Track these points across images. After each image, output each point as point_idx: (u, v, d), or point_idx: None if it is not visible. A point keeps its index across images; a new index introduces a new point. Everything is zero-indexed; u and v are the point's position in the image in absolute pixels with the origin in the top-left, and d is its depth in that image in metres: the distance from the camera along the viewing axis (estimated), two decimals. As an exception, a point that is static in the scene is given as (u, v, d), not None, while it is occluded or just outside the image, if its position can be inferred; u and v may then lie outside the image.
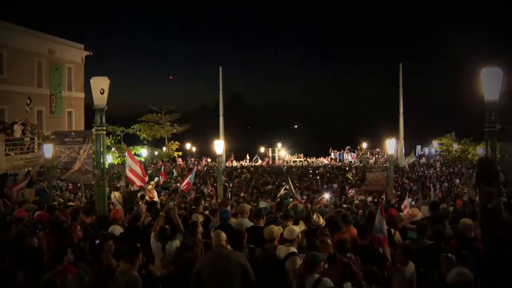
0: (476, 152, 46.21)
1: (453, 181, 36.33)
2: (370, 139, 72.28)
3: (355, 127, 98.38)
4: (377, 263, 7.60)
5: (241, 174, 42.06)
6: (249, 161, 63.49)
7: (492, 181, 9.59)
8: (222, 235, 7.63)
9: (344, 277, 7.01)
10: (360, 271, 7.12)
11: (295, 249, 8.14)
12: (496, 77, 10.13)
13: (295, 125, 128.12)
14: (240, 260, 7.37)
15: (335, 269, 7.23)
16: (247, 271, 7.28)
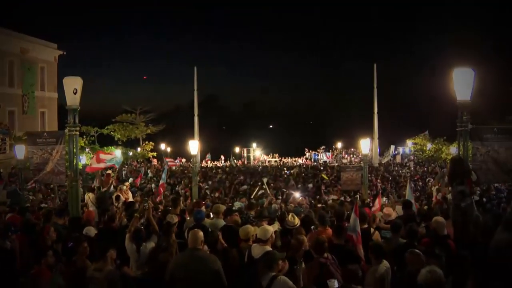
0: (450, 152, 46.65)
1: (427, 180, 36.63)
2: (345, 139, 72.64)
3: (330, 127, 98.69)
4: (352, 262, 7.65)
5: (216, 174, 41.94)
6: (224, 161, 63.39)
7: (465, 180, 9.72)
8: (199, 235, 7.55)
9: (322, 277, 7.05)
10: (337, 271, 7.17)
11: (269, 248, 8.14)
12: (468, 78, 10.24)
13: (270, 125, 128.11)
14: (213, 265, 7.31)
15: (312, 269, 7.26)
16: (219, 276, 7.24)
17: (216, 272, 7.23)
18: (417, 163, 54.13)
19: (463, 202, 9.59)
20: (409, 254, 7.26)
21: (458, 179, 9.73)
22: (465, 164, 10.44)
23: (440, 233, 9.07)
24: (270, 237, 8.39)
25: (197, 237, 7.49)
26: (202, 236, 7.57)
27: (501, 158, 11.94)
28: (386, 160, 56.90)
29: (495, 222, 10.31)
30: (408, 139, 62.93)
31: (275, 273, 6.93)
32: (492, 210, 16.41)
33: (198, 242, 7.45)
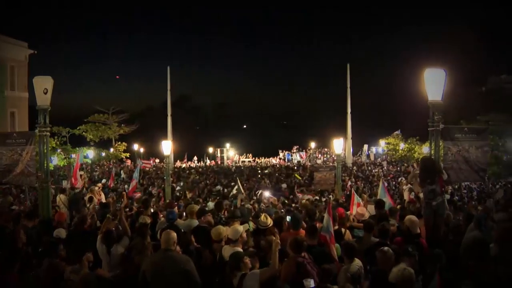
0: (422, 151, 47.11)
1: (399, 179, 36.95)
2: (318, 138, 72.90)
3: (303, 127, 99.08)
4: (326, 262, 7.66)
5: (189, 175, 41.86)
6: (197, 162, 63.26)
7: (436, 179, 9.82)
8: (171, 236, 7.48)
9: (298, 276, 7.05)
10: (314, 270, 7.17)
11: (240, 249, 8.13)
12: (439, 78, 10.33)
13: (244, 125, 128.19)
14: (186, 265, 7.26)
15: (289, 268, 7.25)
16: (193, 276, 7.19)
17: (189, 272, 7.18)
18: (390, 162, 54.57)
19: (434, 201, 9.70)
20: (379, 253, 7.30)
21: (429, 179, 9.82)
22: (437, 164, 10.53)
23: (413, 232, 9.14)
24: (240, 238, 8.38)
25: (170, 238, 7.41)
26: (175, 237, 7.49)
27: (472, 157, 12.07)
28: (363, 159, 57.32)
29: (466, 220, 10.44)
30: (381, 139, 63.33)
31: (244, 271, 6.95)
32: (463, 209, 16.62)
33: (170, 242, 7.38)
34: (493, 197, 22.47)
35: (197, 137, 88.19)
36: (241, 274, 6.92)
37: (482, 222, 9.18)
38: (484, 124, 39.62)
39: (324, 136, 63.20)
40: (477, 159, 12.15)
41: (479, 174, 12.64)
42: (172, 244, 7.40)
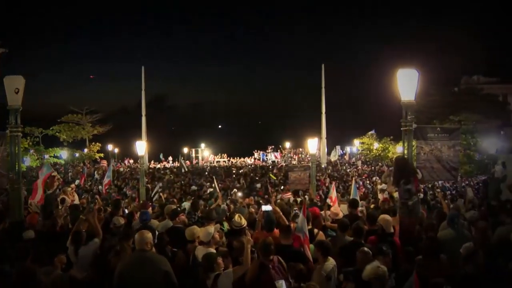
0: (396, 151, 47.57)
1: (374, 179, 37.22)
2: (293, 139, 73.17)
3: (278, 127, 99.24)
4: (300, 262, 7.67)
5: (164, 175, 41.70)
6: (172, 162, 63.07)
7: (411, 179, 9.89)
8: (146, 236, 7.35)
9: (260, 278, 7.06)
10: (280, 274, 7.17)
11: (213, 250, 8.12)
12: (412, 78, 10.41)
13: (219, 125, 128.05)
14: (163, 266, 7.18)
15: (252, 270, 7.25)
16: (170, 277, 7.12)
17: (166, 273, 7.10)
18: (364, 162, 54.97)
19: (410, 201, 9.76)
20: (360, 253, 7.34)
21: (404, 178, 9.88)
22: (411, 164, 10.62)
23: (387, 231, 9.20)
24: (212, 239, 8.36)
25: (145, 238, 7.29)
26: (149, 237, 7.38)
27: (444, 156, 12.23)
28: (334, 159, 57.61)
29: (439, 219, 10.55)
30: (356, 139, 63.75)
31: (218, 272, 6.95)
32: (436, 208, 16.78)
33: (145, 243, 7.27)
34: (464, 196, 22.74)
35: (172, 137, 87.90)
36: (215, 275, 6.91)
37: (455, 220, 9.28)
38: (457, 124, 40.14)
39: (299, 136, 63.45)
40: (449, 158, 12.32)
41: (451, 173, 12.80)
42: (147, 244, 7.31)
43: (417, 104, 10.82)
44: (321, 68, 56.53)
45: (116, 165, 38.12)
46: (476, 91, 60.58)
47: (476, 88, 62.33)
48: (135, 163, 55.48)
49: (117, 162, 55.75)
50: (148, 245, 7.32)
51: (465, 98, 57.43)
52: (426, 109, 55.94)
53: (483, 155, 40.48)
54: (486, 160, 39.18)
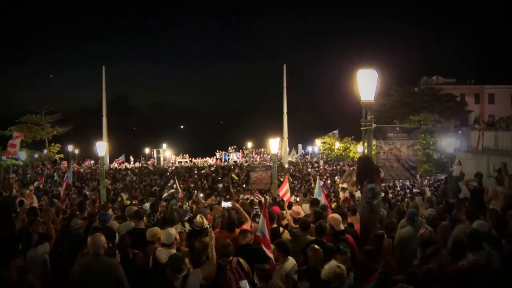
0: (357, 150, 48.03)
1: (335, 178, 37.52)
2: (255, 139, 73.28)
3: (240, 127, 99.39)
4: (260, 261, 7.70)
5: (125, 176, 41.40)
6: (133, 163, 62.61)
7: (375, 178, 10.01)
8: (99, 239, 7.18)
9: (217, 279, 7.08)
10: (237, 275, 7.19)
11: (175, 251, 8.08)
12: (371, 79, 10.52)
13: (181, 125, 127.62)
14: (115, 270, 7.01)
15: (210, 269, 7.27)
16: (122, 282, 6.95)
17: (118, 278, 6.94)
18: (326, 161, 55.34)
19: (375, 200, 9.87)
20: (311, 251, 7.38)
21: (368, 177, 9.99)
22: (374, 163, 10.75)
23: (337, 229, 9.24)
24: (175, 240, 8.33)
25: (98, 242, 7.10)
26: (103, 241, 7.22)
27: (403, 155, 12.39)
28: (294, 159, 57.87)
29: (399, 217, 10.70)
30: (317, 138, 64.14)
31: (185, 272, 6.94)
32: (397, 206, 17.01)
33: (98, 247, 7.07)
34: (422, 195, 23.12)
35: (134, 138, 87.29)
36: (183, 275, 6.89)
37: (414, 218, 9.42)
38: (417, 123, 40.72)
39: (260, 136, 63.61)
40: (408, 158, 12.50)
41: (410, 172, 12.99)
42: (100, 248, 7.17)
43: (377, 104, 10.98)
44: (283, 68, 56.70)
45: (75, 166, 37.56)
46: (435, 92, 61.58)
47: (435, 88, 63.37)
48: (95, 164, 54.85)
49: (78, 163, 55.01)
50: (102, 249, 7.13)
51: (424, 98, 58.37)
52: (386, 109, 56.70)
53: (442, 154, 41.15)
54: (445, 159, 39.83)
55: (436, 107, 54.76)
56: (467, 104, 68.72)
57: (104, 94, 54.94)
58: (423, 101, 57.19)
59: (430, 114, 48.79)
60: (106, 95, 55.67)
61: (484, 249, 7.40)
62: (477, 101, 73.30)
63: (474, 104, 71.91)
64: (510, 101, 63.74)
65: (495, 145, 24.36)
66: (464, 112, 63.85)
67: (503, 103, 63.38)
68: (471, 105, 70.33)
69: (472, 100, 72.39)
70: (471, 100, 72.01)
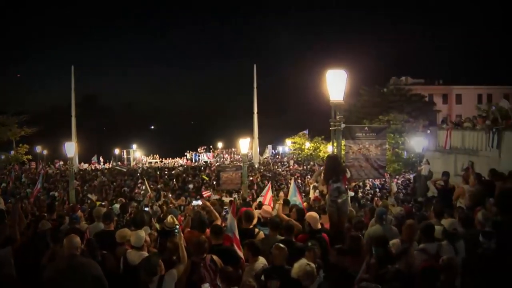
0: (327, 150, 48.27)
1: (305, 178, 37.66)
2: (225, 139, 73.30)
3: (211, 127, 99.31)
4: (231, 261, 7.71)
5: (95, 177, 41.08)
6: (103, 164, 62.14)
7: (340, 177, 10.10)
8: (74, 241, 7.13)
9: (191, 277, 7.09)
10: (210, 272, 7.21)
11: (146, 253, 8.04)
12: (340, 79, 10.62)
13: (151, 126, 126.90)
14: (94, 271, 6.99)
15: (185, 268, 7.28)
16: (101, 282, 6.96)
17: (98, 278, 6.94)
18: (296, 161, 55.57)
19: (339, 198, 9.97)
20: (275, 249, 7.41)
21: (333, 177, 10.09)
22: (341, 163, 10.86)
23: (314, 228, 9.33)
24: (145, 242, 8.29)
25: (74, 243, 7.08)
26: (78, 242, 7.19)
27: (371, 155, 12.55)
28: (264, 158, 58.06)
29: (371, 215, 10.81)
30: (288, 138, 64.38)
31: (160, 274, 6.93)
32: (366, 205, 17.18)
33: (75, 248, 7.07)
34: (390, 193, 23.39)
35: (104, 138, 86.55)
36: (158, 277, 6.87)
37: (383, 217, 9.52)
38: (386, 123, 41.13)
39: (231, 136, 63.66)
40: (377, 157, 12.67)
41: (379, 171, 13.17)
42: (76, 249, 7.15)
43: (347, 104, 11.10)
44: (253, 69, 56.80)
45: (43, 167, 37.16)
46: (404, 92, 62.22)
47: (404, 89, 64.00)
48: (64, 165, 54.28)
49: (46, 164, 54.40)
50: (78, 249, 7.14)
51: (393, 99, 58.93)
52: (356, 109, 57.13)
53: (411, 153, 41.57)
54: (414, 158, 40.24)
55: (405, 107, 55.28)
56: (435, 104, 69.65)
57: (73, 94, 54.40)
58: (392, 101, 57.72)
59: (399, 114, 49.22)
60: (75, 95, 55.18)
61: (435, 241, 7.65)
62: (445, 101, 74.59)
63: (442, 104, 73.10)
64: (476, 102, 64.65)
65: (462, 145, 24.73)
66: (432, 112, 64.63)
67: (470, 103, 64.28)
68: (439, 105, 71.37)
69: (440, 100, 73.61)
70: (439, 100, 73.18)
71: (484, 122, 23.57)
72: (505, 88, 71.21)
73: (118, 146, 70.55)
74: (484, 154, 22.18)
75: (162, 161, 64.56)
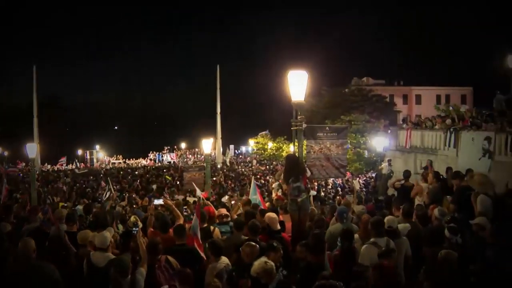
0: (289, 150, 48.57)
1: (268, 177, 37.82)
2: (189, 139, 73.17)
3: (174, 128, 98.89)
4: (194, 261, 7.82)
5: (58, 178, 40.64)
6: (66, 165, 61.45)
7: (300, 176, 10.27)
8: (30, 244, 7.08)
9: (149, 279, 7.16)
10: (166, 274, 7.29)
11: (111, 255, 8.01)
12: (302, 79, 10.79)
13: (115, 126, 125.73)
14: (52, 274, 6.89)
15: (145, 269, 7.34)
16: (59, 285, 6.88)
17: (56, 281, 6.85)
18: (259, 161, 55.79)
19: (299, 197, 10.13)
20: (246, 247, 7.54)
21: (293, 176, 10.26)
22: (301, 162, 11.03)
23: (273, 228, 9.46)
24: (110, 243, 8.25)
25: (30, 246, 7.03)
26: (33, 245, 7.10)
27: (333, 154, 12.76)
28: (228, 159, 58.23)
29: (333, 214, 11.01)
30: (250, 139, 64.61)
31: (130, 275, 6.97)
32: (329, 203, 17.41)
33: (31, 251, 7.01)
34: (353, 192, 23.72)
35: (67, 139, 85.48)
36: (129, 278, 6.89)
37: (344, 216, 9.72)
38: (347, 123, 41.64)
39: (194, 137, 63.60)
40: (338, 156, 12.89)
41: (340, 170, 13.40)
42: (33, 252, 7.12)
43: (309, 105, 11.32)
44: (216, 69, 56.94)
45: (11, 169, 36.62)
46: (365, 93, 62.90)
47: (365, 89, 64.71)
48: (26, 167, 53.53)
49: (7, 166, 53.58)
50: (34, 253, 7.06)
51: (355, 99, 59.54)
52: (318, 109, 57.57)
53: (372, 153, 42.15)
54: (375, 157, 40.83)
55: (366, 107, 55.98)
56: (396, 104, 70.79)
57: (34, 94, 53.66)
58: (353, 101, 58.32)
59: (360, 114, 49.87)
60: (37, 96, 54.41)
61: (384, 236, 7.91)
62: (405, 101, 75.87)
63: (402, 104, 74.37)
64: (435, 102, 65.77)
65: (422, 144, 25.24)
66: (393, 112, 65.61)
67: (429, 103, 65.36)
68: (400, 105, 72.62)
69: (401, 100, 74.85)
70: (400, 100, 74.40)
71: (443, 122, 24.13)
72: (463, 89, 72.96)
73: (81, 146, 69.88)
74: (443, 153, 22.71)
75: (126, 161, 64.15)
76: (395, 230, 8.27)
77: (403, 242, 8.16)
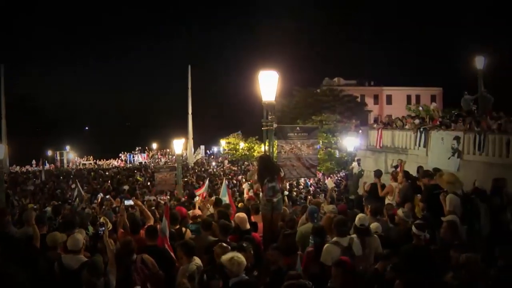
0: (261, 150, 48.62)
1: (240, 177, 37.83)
2: (160, 139, 72.81)
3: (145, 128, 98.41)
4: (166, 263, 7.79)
5: (27, 180, 40.17)
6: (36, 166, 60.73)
7: (275, 176, 10.28)
8: None
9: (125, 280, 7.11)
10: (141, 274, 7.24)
11: (84, 257, 7.90)
12: (272, 80, 10.81)
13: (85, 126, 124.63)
14: (18, 278, 6.56)
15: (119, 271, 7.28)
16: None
17: (21, 284, 6.52)
18: (230, 161, 55.79)
19: (275, 197, 10.13)
20: (218, 248, 7.53)
21: (268, 176, 10.25)
22: (274, 162, 11.05)
23: (243, 228, 9.45)
24: (83, 245, 8.14)
25: None
26: None
27: (303, 154, 12.81)
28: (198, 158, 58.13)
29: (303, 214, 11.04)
30: (222, 139, 64.58)
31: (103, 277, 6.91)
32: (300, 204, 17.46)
33: None
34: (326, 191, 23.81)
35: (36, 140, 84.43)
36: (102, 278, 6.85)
37: (314, 215, 9.74)
38: (319, 123, 41.85)
39: (166, 137, 63.28)
40: (308, 156, 12.95)
41: (311, 170, 13.46)
42: None
43: (280, 105, 11.33)
44: (188, 70, 56.79)
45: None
46: (336, 93, 63.24)
47: (337, 89, 65.06)
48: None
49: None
50: None
51: (326, 99, 59.84)
52: (289, 110, 57.77)
53: (343, 152, 42.35)
54: (346, 157, 41.04)
55: (338, 107, 56.29)
56: (367, 104, 71.32)
57: (2, 94, 52.86)
58: (325, 101, 58.59)
59: (331, 114, 50.06)
60: (5, 95, 53.62)
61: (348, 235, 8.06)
62: (376, 102, 76.58)
63: (373, 104, 75.06)
64: (406, 102, 66.45)
65: (392, 144, 25.45)
66: (364, 112, 66.16)
67: (400, 104, 66.04)
68: (371, 105, 73.23)
69: (372, 101, 75.52)
70: (371, 101, 75.04)
71: (413, 122, 24.40)
72: (433, 89, 73.89)
73: (51, 147, 69.11)
74: (413, 152, 22.96)
75: (96, 162, 63.63)
76: (367, 228, 8.31)
77: (374, 240, 8.22)
